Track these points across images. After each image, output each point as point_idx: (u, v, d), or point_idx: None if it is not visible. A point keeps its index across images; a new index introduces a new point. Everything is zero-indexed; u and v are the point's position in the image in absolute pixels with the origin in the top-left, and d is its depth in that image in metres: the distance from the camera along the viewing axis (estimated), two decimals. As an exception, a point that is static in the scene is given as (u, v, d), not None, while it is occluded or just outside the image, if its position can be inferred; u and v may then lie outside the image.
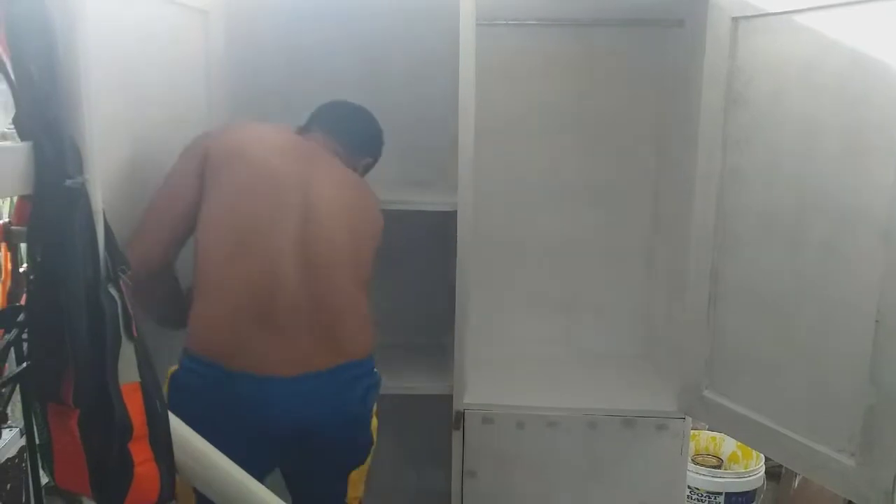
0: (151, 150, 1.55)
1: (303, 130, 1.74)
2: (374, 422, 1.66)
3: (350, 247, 1.57)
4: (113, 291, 0.92)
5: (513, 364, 2.25)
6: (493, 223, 2.24)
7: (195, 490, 1.18)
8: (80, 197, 0.85)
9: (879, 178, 1.37)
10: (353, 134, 1.76)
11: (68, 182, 0.83)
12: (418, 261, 2.28)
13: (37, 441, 0.99)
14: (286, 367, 1.46)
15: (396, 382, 2.02)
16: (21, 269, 0.91)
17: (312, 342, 1.49)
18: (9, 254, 0.92)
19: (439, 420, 2.02)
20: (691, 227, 1.81)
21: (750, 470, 2.47)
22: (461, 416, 1.94)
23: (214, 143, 1.54)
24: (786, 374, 1.62)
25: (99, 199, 0.88)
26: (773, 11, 1.57)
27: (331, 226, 1.54)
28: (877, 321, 1.39)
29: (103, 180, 0.88)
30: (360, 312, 1.59)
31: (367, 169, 1.82)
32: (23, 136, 0.83)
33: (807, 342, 1.56)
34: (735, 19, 1.65)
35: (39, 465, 1.02)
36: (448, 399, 1.96)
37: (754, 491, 2.47)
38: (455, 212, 1.85)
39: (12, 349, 0.93)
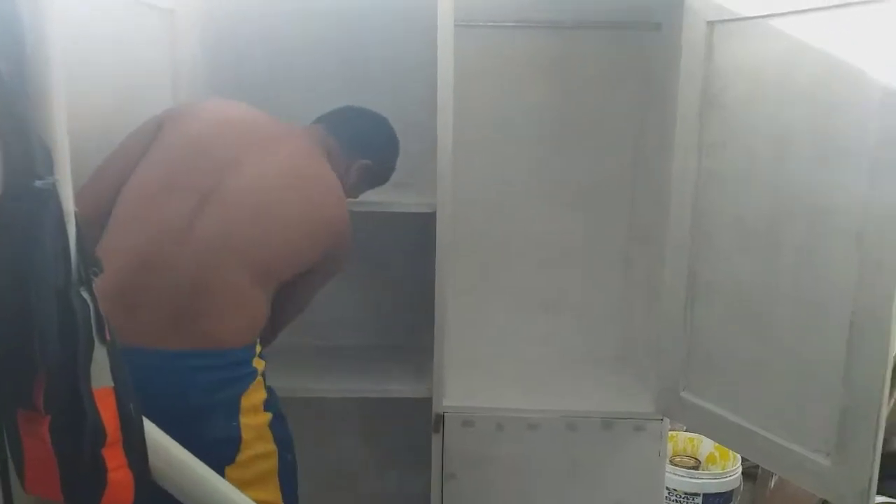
0: (107, 150, 1.52)
1: (315, 121, 1.75)
2: (256, 419, 1.48)
3: (258, 237, 1.47)
4: (85, 294, 0.90)
5: (492, 366, 2.24)
6: (473, 225, 2.24)
7: None
8: (51, 198, 0.84)
9: (852, 182, 1.39)
10: (352, 132, 1.73)
11: (38, 183, 0.81)
12: (398, 262, 2.27)
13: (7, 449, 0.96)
14: (140, 338, 1.34)
15: (376, 385, 2.01)
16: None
17: (169, 321, 1.38)
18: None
19: (419, 423, 2.01)
20: (668, 230, 1.83)
21: (727, 471, 2.49)
22: (441, 418, 1.94)
23: (172, 112, 1.54)
24: (762, 375, 1.63)
25: (70, 199, 0.86)
26: (747, 16, 1.59)
27: (236, 211, 1.46)
28: (851, 323, 1.41)
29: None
30: (243, 303, 1.46)
31: (362, 171, 1.75)
32: (-9, 135, 0.82)
33: (782, 343, 1.58)
34: (710, 23, 1.67)
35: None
36: (427, 402, 1.95)
37: (731, 491, 2.49)
38: (434, 213, 1.85)
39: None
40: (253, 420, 1.47)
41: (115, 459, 0.96)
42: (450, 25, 1.76)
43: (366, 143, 1.75)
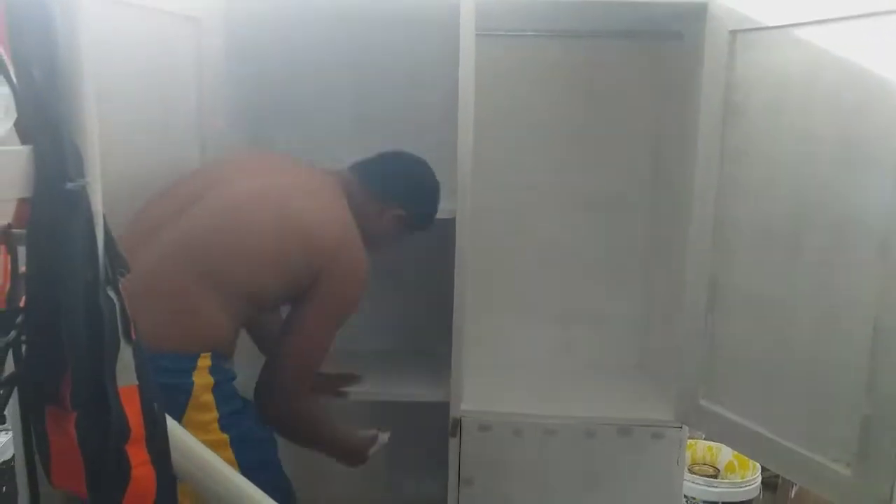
0: (138, 156, 1.56)
1: (349, 168, 1.73)
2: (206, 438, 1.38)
3: (219, 241, 1.44)
4: (112, 294, 0.92)
5: (510, 372, 2.25)
6: (492, 231, 2.24)
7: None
8: (81, 200, 0.85)
9: (876, 189, 1.38)
10: (384, 180, 1.68)
11: (69, 185, 0.83)
12: (417, 268, 2.28)
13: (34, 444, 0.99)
14: None
15: (394, 389, 2.02)
16: (20, 272, 0.91)
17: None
18: (8, 256, 0.92)
19: (436, 427, 2.02)
20: (689, 237, 1.82)
21: (746, 479, 2.47)
22: (458, 423, 1.94)
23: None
24: (782, 383, 1.62)
25: (99, 201, 0.88)
26: (770, 25, 1.59)
27: (204, 217, 1.44)
28: (874, 331, 1.39)
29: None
30: (186, 308, 1.41)
31: (396, 221, 1.71)
32: (24, 139, 0.84)
33: (804, 352, 1.57)
34: (733, 32, 1.67)
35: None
36: (445, 406, 1.96)
37: (750, 501, 2.47)
38: (454, 219, 1.86)
39: (11, 351, 0.93)
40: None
41: (138, 456, 0.97)
42: (471, 34, 1.77)
43: (399, 192, 1.71)
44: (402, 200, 1.71)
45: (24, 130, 0.84)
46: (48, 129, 0.83)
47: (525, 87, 2.22)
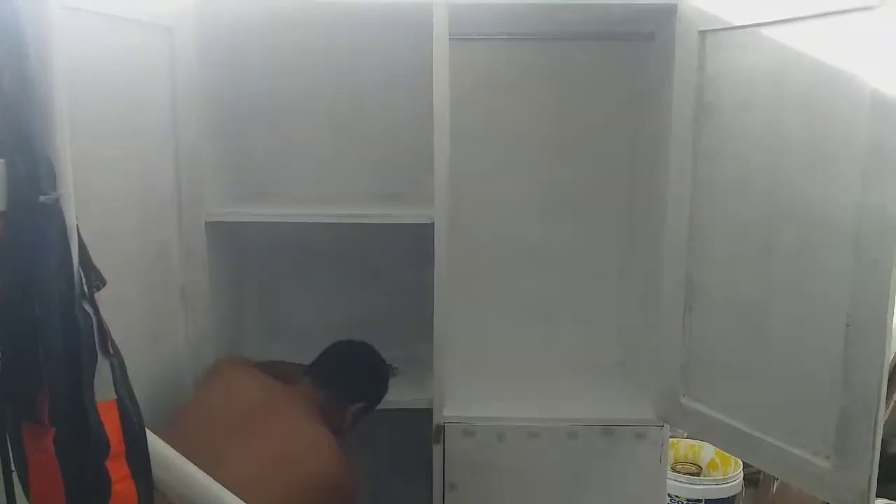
0: (109, 169, 1.52)
1: (304, 373, 1.82)
2: None
3: None
4: (87, 307, 0.91)
5: (492, 375, 2.25)
6: (471, 235, 2.25)
7: None
8: (55, 212, 0.85)
9: (846, 187, 1.41)
10: (341, 383, 1.81)
11: (42, 198, 0.83)
12: (397, 273, 2.29)
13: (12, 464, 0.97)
14: None
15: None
16: (-6, 286, 0.90)
17: None
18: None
19: (420, 433, 2.01)
20: (665, 237, 1.84)
21: (729, 476, 2.49)
22: (441, 429, 1.94)
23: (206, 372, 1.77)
24: (761, 379, 1.64)
25: (73, 214, 0.87)
26: (738, 24, 1.61)
27: None
28: (847, 325, 1.42)
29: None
30: None
31: (360, 413, 1.83)
32: (-4, 151, 0.83)
33: (780, 347, 1.59)
34: (702, 32, 1.69)
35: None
36: (428, 412, 1.96)
37: (733, 497, 2.49)
38: (432, 224, 1.86)
39: (-14, 368, 0.92)
40: None
41: (118, 471, 0.96)
42: (445, 38, 1.78)
43: (357, 390, 1.84)
44: (361, 395, 1.84)
45: (-5, 143, 0.84)
46: (20, 141, 0.83)
47: (499, 90, 2.24)
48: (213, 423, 1.56)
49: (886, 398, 2.34)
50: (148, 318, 1.69)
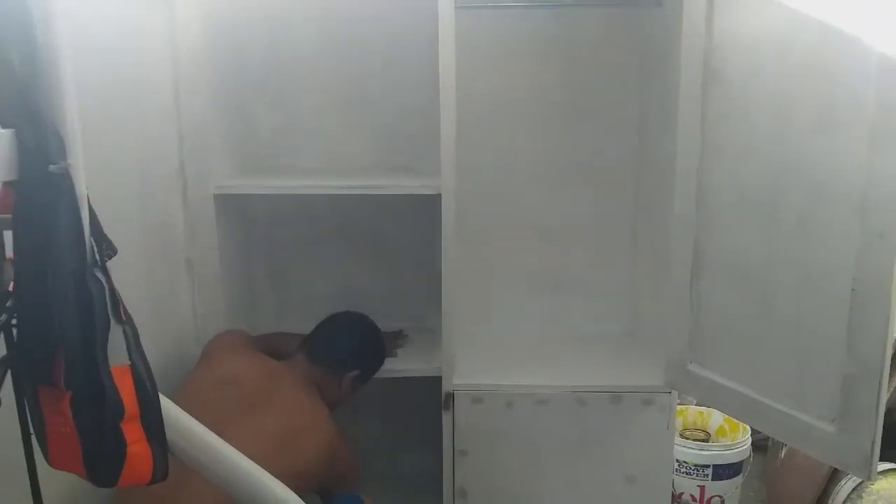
0: (108, 140, 1.54)
1: (299, 347, 1.86)
2: None
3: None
4: (99, 275, 0.93)
5: (500, 344, 2.27)
6: (479, 204, 2.26)
7: None
8: (65, 182, 0.87)
9: (852, 151, 1.40)
10: (336, 351, 1.86)
11: (52, 168, 0.85)
12: (404, 244, 2.30)
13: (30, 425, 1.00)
14: None
15: (386, 364, 2.05)
16: (7, 256, 0.92)
17: None
18: (-5, 242, 0.94)
19: (430, 401, 2.04)
20: (673, 204, 1.84)
21: (737, 442, 2.51)
22: (451, 396, 1.97)
23: (207, 348, 1.83)
24: (767, 345, 1.65)
25: (83, 184, 0.89)
26: (746, -11, 1.59)
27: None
28: (853, 290, 1.42)
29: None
30: None
31: (356, 382, 1.88)
32: (4, 123, 0.84)
33: (786, 313, 1.59)
34: (710, -2, 1.67)
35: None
36: (438, 380, 1.98)
37: (741, 462, 2.51)
38: (439, 195, 1.87)
39: (2, 334, 0.94)
40: None
41: (133, 433, 0.99)
42: (450, 7, 1.77)
43: (350, 359, 1.88)
44: (355, 364, 1.88)
45: (4, 115, 0.85)
46: (29, 113, 0.84)
47: (506, 59, 2.22)
48: (204, 409, 1.54)
49: (893, 364, 2.35)
50: (149, 289, 1.71)
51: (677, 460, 2.43)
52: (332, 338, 1.90)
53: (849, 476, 2.28)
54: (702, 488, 2.50)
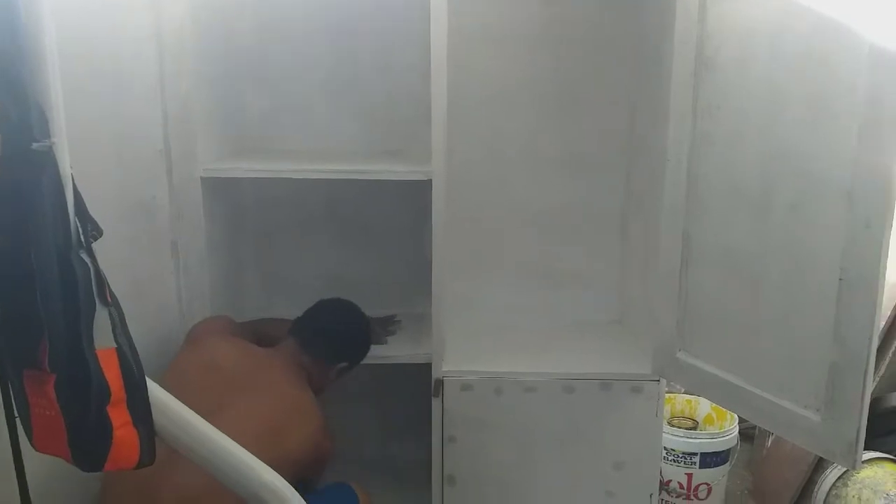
0: (86, 120, 1.50)
1: (289, 333, 1.85)
2: None
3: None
4: (84, 256, 0.92)
5: (490, 331, 2.27)
6: (469, 192, 2.25)
7: None
8: (48, 160, 0.85)
9: (843, 141, 1.40)
10: (328, 343, 1.85)
11: (35, 145, 0.83)
12: (394, 230, 2.30)
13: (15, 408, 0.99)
14: None
15: (376, 351, 2.04)
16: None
17: None
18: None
19: (419, 388, 2.05)
20: (663, 193, 1.84)
21: (724, 430, 2.52)
22: (440, 383, 1.97)
23: (190, 335, 1.81)
24: (755, 334, 1.66)
25: (67, 163, 0.88)
26: (740, -24, 1.59)
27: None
28: (840, 280, 1.42)
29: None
30: None
31: (342, 372, 1.89)
32: (-13, 99, 0.83)
33: (774, 303, 1.60)
34: (703, -16, 1.66)
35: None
36: (427, 367, 1.98)
37: (728, 451, 2.53)
38: (430, 181, 1.86)
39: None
40: None
41: (120, 417, 0.98)
42: (443, -9, 1.76)
43: (340, 350, 1.89)
44: (344, 356, 1.89)
45: (-14, 91, 0.84)
46: (12, 89, 0.83)
47: (498, 44, 2.21)
48: (188, 394, 1.54)
49: (881, 353, 2.37)
50: (132, 272, 1.68)
51: (665, 448, 2.45)
52: (324, 329, 1.88)
53: (834, 465, 2.30)
54: (689, 476, 2.51)
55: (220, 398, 1.57)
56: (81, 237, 0.93)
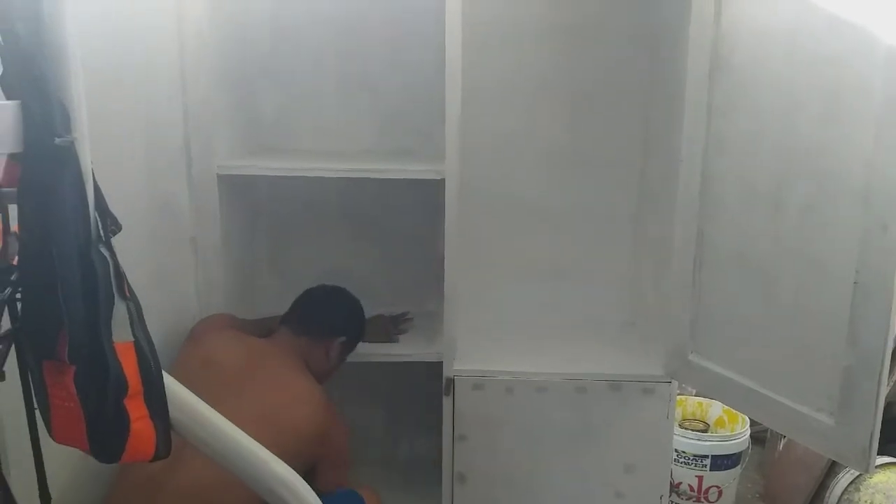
0: (113, 117, 1.53)
1: (280, 323, 1.85)
2: None
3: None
4: (104, 251, 0.93)
5: (502, 330, 2.28)
6: (481, 190, 2.26)
7: None
8: (70, 155, 0.86)
9: (858, 142, 1.39)
10: (321, 322, 1.86)
11: (57, 140, 0.84)
12: (406, 228, 2.30)
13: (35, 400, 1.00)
14: None
15: (387, 349, 2.05)
16: (12, 230, 0.92)
17: None
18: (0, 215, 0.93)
19: (430, 386, 2.05)
20: (677, 193, 1.84)
21: (735, 433, 2.52)
22: (451, 382, 1.97)
23: (193, 331, 1.81)
24: (768, 336, 1.65)
25: (88, 158, 0.88)
26: (756, -24, 1.58)
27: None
28: (855, 283, 1.42)
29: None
30: None
31: (344, 347, 1.89)
32: (10, 95, 0.84)
33: (788, 305, 1.59)
34: (718, -16, 1.66)
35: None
36: (438, 365, 1.99)
37: (740, 453, 2.52)
38: (443, 180, 1.87)
39: (6, 308, 0.94)
40: None
41: (137, 410, 0.99)
42: (457, -10, 1.76)
43: (336, 326, 1.88)
44: (341, 330, 1.88)
45: (9, 86, 0.85)
46: (34, 85, 0.84)
47: (512, 42, 2.21)
48: (192, 389, 1.56)
49: (893, 357, 2.35)
50: (153, 267, 1.71)
51: (676, 450, 2.44)
52: (313, 308, 1.89)
53: (847, 469, 2.29)
54: (700, 478, 2.51)
55: (219, 392, 1.56)
56: (101, 232, 0.93)
